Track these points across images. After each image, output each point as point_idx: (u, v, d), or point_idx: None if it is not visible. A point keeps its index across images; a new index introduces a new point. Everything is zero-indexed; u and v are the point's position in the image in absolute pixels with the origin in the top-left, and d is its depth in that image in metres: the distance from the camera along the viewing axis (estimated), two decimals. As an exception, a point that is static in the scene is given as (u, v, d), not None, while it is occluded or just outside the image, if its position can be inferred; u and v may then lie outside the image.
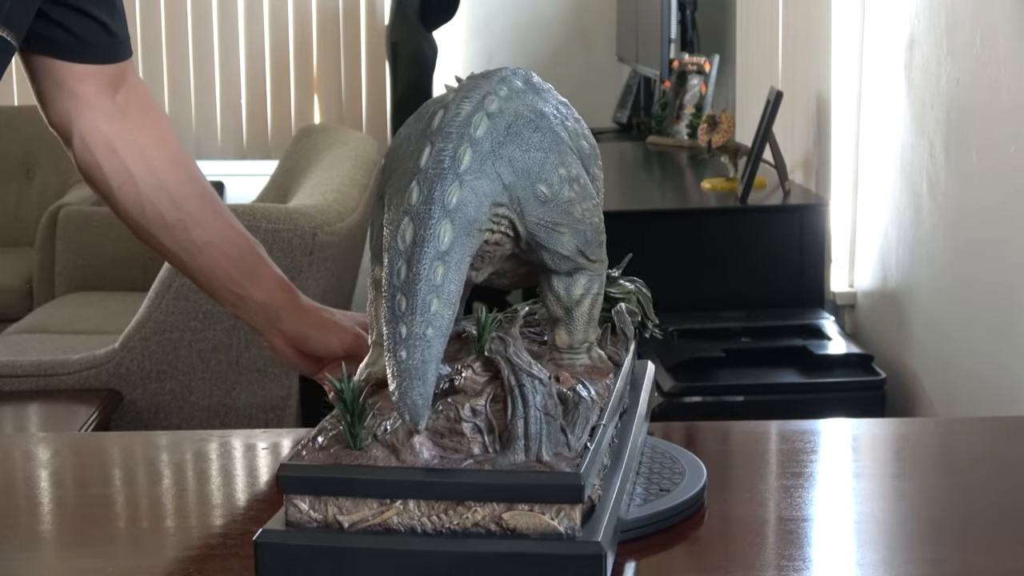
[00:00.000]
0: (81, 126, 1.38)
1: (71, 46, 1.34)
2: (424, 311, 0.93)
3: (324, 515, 0.90)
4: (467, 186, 0.96)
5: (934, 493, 1.16)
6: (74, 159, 1.42)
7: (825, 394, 2.74)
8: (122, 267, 4.42)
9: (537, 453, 0.90)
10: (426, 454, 0.90)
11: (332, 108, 5.66)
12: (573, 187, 1.02)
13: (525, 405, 0.90)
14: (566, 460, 0.90)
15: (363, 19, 5.63)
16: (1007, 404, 2.23)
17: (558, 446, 0.91)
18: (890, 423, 1.45)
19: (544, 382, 0.91)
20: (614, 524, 0.93)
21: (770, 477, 1.19)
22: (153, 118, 1.42)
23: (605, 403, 1.00)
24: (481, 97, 1.01)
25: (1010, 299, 2.23)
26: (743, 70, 4.35)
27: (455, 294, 0.94)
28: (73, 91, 1.37)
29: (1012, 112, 2.20)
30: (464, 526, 0.88)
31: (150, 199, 1.38)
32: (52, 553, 1.06)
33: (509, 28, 5.57)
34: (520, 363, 0.91)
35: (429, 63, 5.11)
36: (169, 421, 3.11)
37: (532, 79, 1.07)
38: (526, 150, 0.99)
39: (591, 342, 1.08)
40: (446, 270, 0.94)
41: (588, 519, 0.90)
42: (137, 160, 1.38)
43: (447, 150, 0.97)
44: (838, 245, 3.28)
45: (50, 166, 5.04)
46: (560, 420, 0.92)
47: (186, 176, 1.40)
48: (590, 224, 1.04)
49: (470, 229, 0.96)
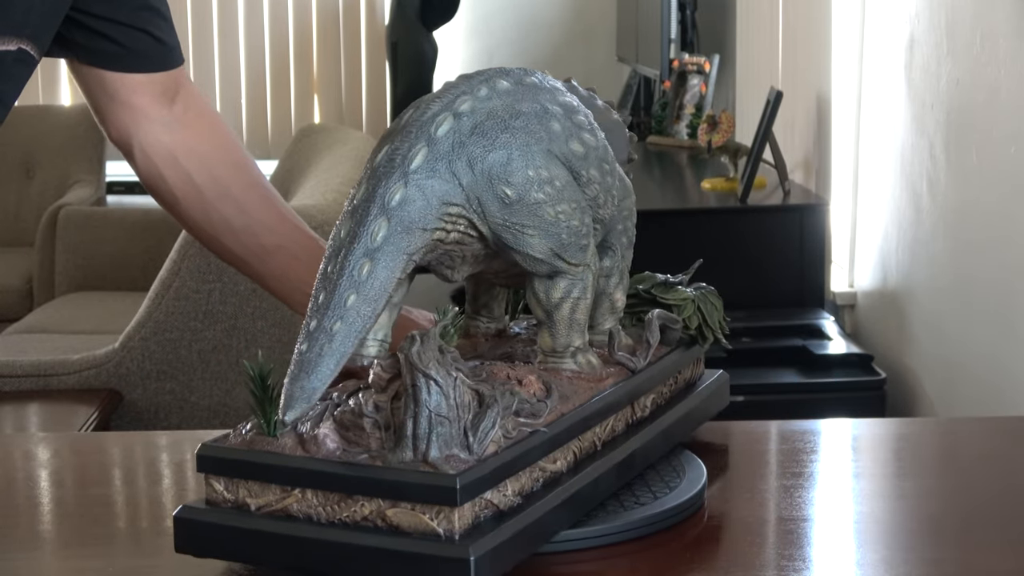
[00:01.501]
0: (141, 138, 1.36)
1: (120, 57, 1.32)
2: (338, 306, 0.94)
3: (236, 496, 0.94)
4: (413, 185, 0.97)
5: (934, 493, 1.16)
6: (136, 172, 1.39)
7: (825, 394, 2.74)
8: (122, 267, 4.42)
9: (424, 453, 0.90)
10: (330, 445, 0.93)
11: (332, 108, 5.66)
12: (544, 189, 1.00)
13: (416, 405, 0.91)
14: (457, 463, 0.90)
15: (363, 19, 5.63)
16: (1007, 404, 2.23)
17: (454, 448, 0.91)
18: (890, 423, 1.46)
19: (440, 384, 0.91)
20: (514, 533, 0.91)
21: (770, 477, 1.19)
22: (211, 124, 1.40)
23: (547, 410, 0.99)
24: (454, 97, 1.01)
25: (1010, 299, 2.23)
26: (743, 70, 4.35)
27: (379, 291, 0.95)
28: (128, 103, 1.34)
29: (1012, 112, 2.20)
30: (354, 519, 0.91)
31: (216, 207, 1.36)
32: (52, 553, 1.06)
33: (509, 28, 5.57)
34: (418, 363, 0.91)
35: (429, 63, 5.11)
36: (169, 421, 3.10)
37: (527, 79, 1.05)
38: (489, 151, 0.99)
39: (576, 347, 1.06)
40: (372, 267, 0.95)
41: (481, 525, 0.90)
42: (200, 169, 1.36)
43: (401, 149, 0.98)
44: (838, 245, 3.28)
45: (50, 166, 5.04)
46: (464, 422, 0.92)
47: (249, 181, 1.38)
48: (567, 227, 1.02)
49: (410, 228, 0.96)
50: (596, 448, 1.05)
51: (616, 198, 1.10)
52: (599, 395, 1.05)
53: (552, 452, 0.98)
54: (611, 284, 1.13)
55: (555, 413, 1.00)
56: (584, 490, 1.00)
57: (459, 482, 0.88)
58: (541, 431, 0.97)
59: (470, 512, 0.89)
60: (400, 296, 1.05)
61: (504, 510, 0.92)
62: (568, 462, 1.01)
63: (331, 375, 0.94)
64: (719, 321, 1.22)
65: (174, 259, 3.04)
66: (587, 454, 1.04)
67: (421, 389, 0.91)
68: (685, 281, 1.23)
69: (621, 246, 1.13)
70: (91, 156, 5.02)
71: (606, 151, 1.08)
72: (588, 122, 1.07)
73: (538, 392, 1.01)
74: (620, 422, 1.09)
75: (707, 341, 1.22)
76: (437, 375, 0.91)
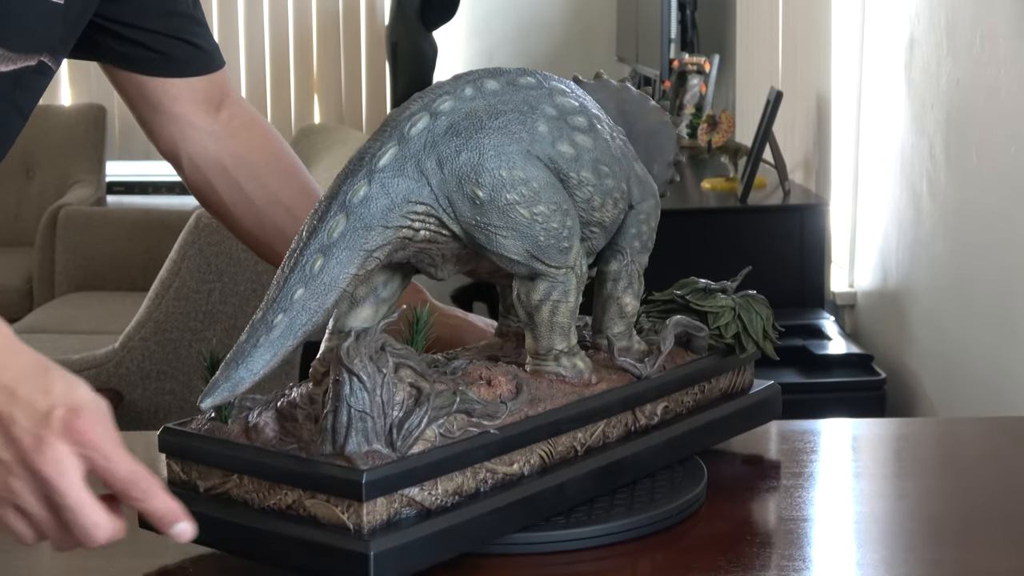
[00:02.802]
0: (188, 148, 1.35)
1: (155, 62, 1.31)
2: (284, 299, 0.95)
3: (189, 478, 0.99)
4: (378, 183, 0.97)
5: (934, 493, 1.16)
6: (185, 181, 1.39)
7: (825, 394, 2.74)
8: (122, 267, 4.42)
9: (342, 447, 0.91)
10: (268, 434, 0.96)
11: (332, 108, 5.66)
12: (517, 190, 0.99)
13: (337, 400, 0.92)
14: (377, 458, 0.91)
15: (363, 19, 5.63)
16: (1007, 404, 2.23)
17: (376, 444, 0.92)
18: (890, 423, 1.46)
19: (363, 380, 0.91)
20: (433, 532, 0.92)
21: (770, 477, 1.19)
22: (260, 132, 1.39)
23: (506, 412, 0.99)
24: (435, 96, 1.01)
25: (1010, 299, 2.23)
26: (743, 70, 4.35)
27: (329, 285, 0.95)
28: (172, 113, 1.34)
29: (1012, 112, 2.20)
30: (280, 507, 0.93)
31: (268, 215, 1.35)
32: (52, 553, 1.06)
33: (509, 28, 5.57)
34: (344, 359, 0.92)
35: (429, 63, 5.11)
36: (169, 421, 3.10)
37: (520, 79, 1.04)
38: (460, 150, 0.99)
39: (559, 350, 1.05)
40: (325, 262, 0.96)
41: (398, 522, 0.91)
42: (249, 178, 1.35)
43: (372, 147, 0.99)
44: (838, 245, 3.28)
45: (50, 166, 5.04)
46: (392, 419, 0.92)
47: (300, 188, 1.37)
48: (545, 229, 1.01)
49: (370, 225, 0.97)
50: (576, 453, 1.04)
51: (621, 200, 1.08)
52: (581, 400, 1.04)
53: (507, 454, 0.98)
54: (619, 288, 1.11)
55: (518, 415, 0.99)
56: (545, 494, 0.99)
57: (367, 477, 0.89)
58: (490, 432, 0.97)
59: (385, 508, 0.90)
60: (390, 292, 1.05)
61: (432, 509, 0.93)
62: (532, 465, 1.00)
63: (264, 367, 0.94)
64: (763, 330, 1.19)
65: (174, 259, 3.04)
66: (563, 459, 1.03)
67: (343, 384, 0.92)
68: (731, 288, 1.20)
69: (632, 250, 1.11)
70: (91, 156, 5.02)
71: (608, 153, 1.06)
72: (589, 124, 1.05)
73: (505, 393, 1.00)
74: (616, 428, 1.08)
75: (746, 351, 1.19)
76: (362, 372, 0.91)
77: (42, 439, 0.83)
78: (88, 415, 0.84)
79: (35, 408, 0.84)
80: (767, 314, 1.20)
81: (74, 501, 0.83)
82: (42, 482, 0.83)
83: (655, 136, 1.17)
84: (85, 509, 0.84)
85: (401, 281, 1.07)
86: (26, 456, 0.83)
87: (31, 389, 0.84)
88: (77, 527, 0.84)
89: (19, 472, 0.83)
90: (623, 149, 1.10)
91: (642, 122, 1.18)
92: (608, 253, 1.11)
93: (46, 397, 0.84)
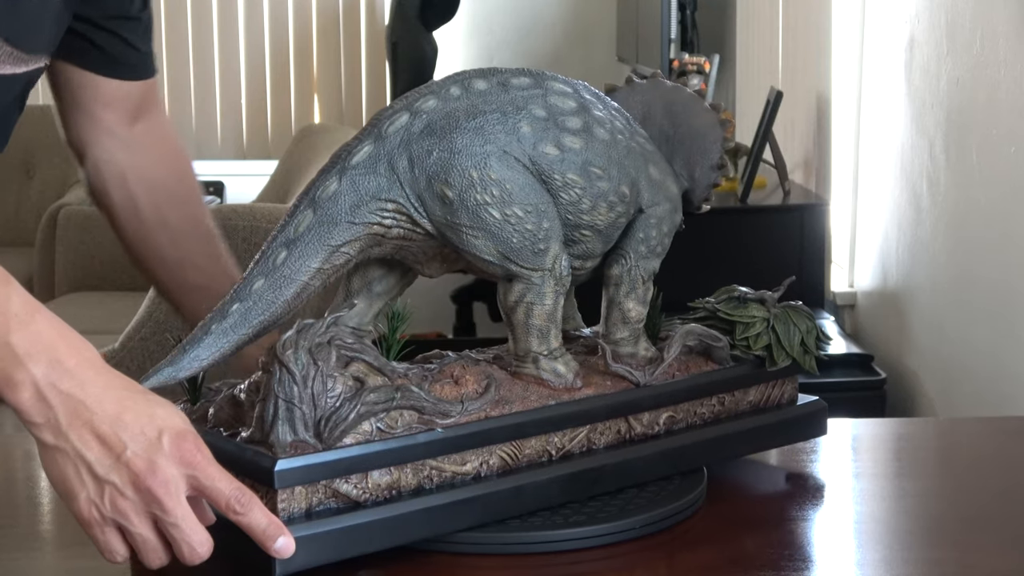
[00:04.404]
0: (96, 151, 1.37)
1: (98, 59, 1.31)
2: (244, 289, 0.98)
3: None
4: (348, 180, 0.99)
5: (934, 493, 1.16)
6: (84, 177, 1.40)
7: (825, 394, 2.73)
8: (122, 267, 4.42)
9: (267, 435, 0.94)
10: (223, 418, 1.00)
11: (332, 108, 5.65)
12: (488, 191, 0.99)
13: (267, 390, 0.94)
14: (301, 448, 0.93)
15: (363, 19, 5.63)
16: (1007, 404, 2.23)
17: (304, 434, 0.93)
18: (890, 423, 1.46)
19: (293, 372, 0.93)
20: (353, 525, 0.93)
21: (770, 477, 1.19)
22: (169, 150, 1.40)
23: (461, 411, 0.99)
24: (420, 95, 1.02)
25: (1010, 299, 2.23)
26: (743, 70, 4.35)
27: (289, 278, 0.98)
28: (93, 114, 1.35)
29: (1012, 112, 2.20)
30: None
31: (152, 235, 1.37)
32: (52, 553, 1.06)
33: (509, 28, 5.57)
34: (278, 351, 0.94)
35: (429, 63, 5.11)
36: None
37: (513, 80, 1.04)
38: (432, 150, 0.99)
39: (536, 352, 1.05)
40: (288, 255, 0.98)
41: (316, 512, 0.93)
42: (146, 195, 1.37)
43: (351, 144, 1.01)
44: (838, 245, 3.28)
45: (50, 166, 5.04)
46: (325, 412, 0.94)
47: (191, 216, 1.38)
48: (518, 231, 1.01)
49: (336, 220, 0.99)
50: (550, 458, 1.03)
51: (620, 204, 1.07)
52: (557, 404, 1.03)
53: (458, 453, 0.98)
54: (620, 293, 1.10)
55: (476, 415, 0.99)
56: (497, 497, 0.99)
57: (279, 466, 0.91)
58: (436, 431, 0.97)
59: (305, 498, 0.92)
60: (384, 288, 1.06)
61: (361, 502, 0.94)
62: (492, 466, 1.00)
63: (212, 354, 0.98)
64: (801, 343, 1.15)
65: (174, 259, 3.03)
66: (533, 462, 1.02)
67: (274, 375, 0.94)
68: (771, 298, 1.16)
69: (636, 254, 1.09)
70: (91, 156, 5.02)
71: (604, 155, 1.05)
72: (583, 126, 1.04)
73: (470, 392, 1.01)
74: (604, 435, 1.06)
75: (777, 364, 1.15)
76: (291, 363, 0.93)
77: (155, 463, 0.88)
78: (191, 438, 0.90)
79: (145, 435, 0.88)
80: (808, 326, 1.15)
81: (182, 520, 0.88)
82: (153, 503, 0.88)
83: (700, 138, 1.15)
84: (194, 526, 0.89)
85: (399, 278, 1.07)
86: (139, 479, 0.88)
87: (136, 415, 0.89)
88: (184, 544, 0.89)
89: (130, 494, 0.88)
90: (637, 151, 1.08)
91: (688, 124, 1.15)
92: (612, 256, 1.10)
93: (151, 422, 0.89)
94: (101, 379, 0.90)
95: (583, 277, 1.11)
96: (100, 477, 0.88)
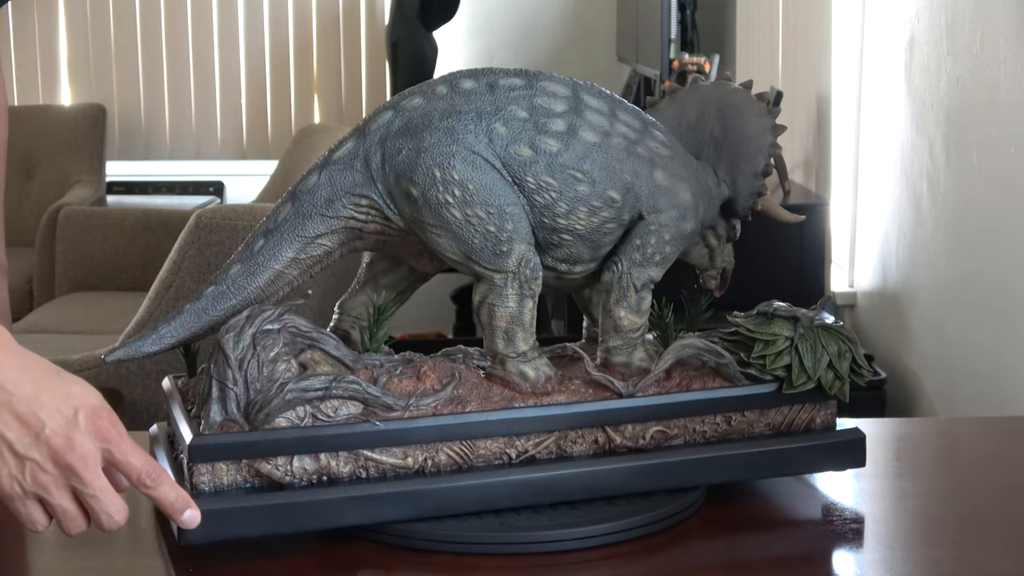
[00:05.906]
0: None
1: None
2: (222, 273, 1.03)
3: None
4: (326, 175, 1.03)
5: (934, 493, 1.16)
6: None
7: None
8: (122, 267, 4.42)
9: (205, 413, 0.99)
10: (199, 393, 1.04)
11: (332, 108, 5.65)
12: (451, 190, 1.00)
13: (207, 371, 1.00)
14: (227, 427, 0.98)
15: (363, 19, 5.63)
16: (1007, 404, 2.23)
17: (237, 415, 0.98)
18: (890, 423, 1.45)
19: (228, 357, 0.98)
20: (269, 504, 0.97)
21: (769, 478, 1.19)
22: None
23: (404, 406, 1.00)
24: (408, 94, 1.04)
25: (1010, 299, 2.23)
26: (743, 70, 4.35)
27: (263, 266, 1.02)
28: None
29: (1012, 112, 2.20)
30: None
31: None
32: (52, 553, 1.06)
33: (509, 28, 5.57)
34: (220, 334, 1.00)
35: (429, 63, 5.11)
36: (169, 421, 3.10)
37: (503, 80, 1.03)
38: (402, 148, 1.02)
39: (503, 354, 1.04)
40: (265, 243, 1.03)
41: (231, 491, 0.98)
42: None
43: (340, 140, 1.04)
44: (838, 245, 3.28)
45: (50, 166, 5.04)
46: (262, 396, 0.97)
47: None
48: (481, 232, 1.01)
49: (310, 213, 1.02)
50: (509, 460, 1.03)
51: (606, 209, 1.04)
52: (516, 407, 1.03)
53: (399, 447, 1.00)
54: (610, 300, 1.08)
55: (423, 411, 1.00)
56: (434, 494, 1.00)
57: (193, 442, 0.97)
58: (372, 423, 0.99)
59: (225, 475, 0.98)
60: (391, 280, 1.09)
61: (284, 484, 0.98)
62: (437, 463, 1.01)
63: (181, 333, 1.04)
64: (830, 366, 1.07)
65: (174, 259, 3.04)
66: (487, 463, 1.02)
67: (213, 357, 0.99)
68: (807, 316, 1.08)
69: (629, 261, 1.06)
70: (91, 156, 5.02)
71: (589, 159, 1.03)
72: (568, 128, 1.02)
73: (426, 389, 1.02)
74: (578, 444, 1.05)
75: (795, 386, 1.07)
76: (227, 347, 0.98)
77: (72, 439, 0.92)
78: (106, 415, 0.94)
79: (62, 413, 0.92)
80: (841, 349, 1.07)
81: (100, 490, 0.93)
82: (72, 476, 0.92)
83: (747, 143, 1.11)
84: (111, 497, 0.94)
85: (407, 274, 1.09)
86: (58, 455, 0.92)
87: (53, 395, 0.93)
88: (102, 513, 0.94)
89: (50, 469, 0.92)
90: (642, 156, 1.05)
91: (738, 128, 1.12)
92: (606, 262, 1.08)
93: (67, 400, 0.93)
94: (17, 361, 0.94)
95: (578, 281, 1.09)
96: (21, 455, 0.92)
